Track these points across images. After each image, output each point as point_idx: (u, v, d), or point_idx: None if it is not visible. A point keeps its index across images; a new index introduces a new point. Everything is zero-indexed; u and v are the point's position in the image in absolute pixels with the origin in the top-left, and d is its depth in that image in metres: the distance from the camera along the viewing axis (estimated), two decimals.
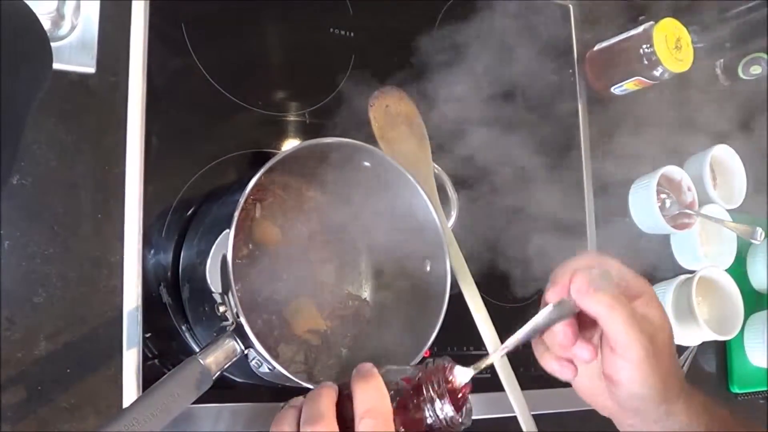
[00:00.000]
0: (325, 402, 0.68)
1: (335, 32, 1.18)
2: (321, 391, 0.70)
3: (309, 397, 0.69)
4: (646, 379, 0.73)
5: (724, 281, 1.41)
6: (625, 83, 1.39)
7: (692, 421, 0.78)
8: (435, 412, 0.67)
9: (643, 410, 0.77)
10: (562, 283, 0.75)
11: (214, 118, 1.06)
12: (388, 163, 0.95)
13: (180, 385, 0.74)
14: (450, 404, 0.67)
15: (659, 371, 0.74)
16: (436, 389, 0.68)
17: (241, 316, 0.78)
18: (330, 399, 0.69)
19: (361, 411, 0.66)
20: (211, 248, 0.85)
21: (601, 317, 0.72)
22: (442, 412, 0.67)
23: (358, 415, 0.66)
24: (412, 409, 0.68)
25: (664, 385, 0.74)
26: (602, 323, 0.73)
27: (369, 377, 0.68)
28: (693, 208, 1.42)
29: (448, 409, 0.67)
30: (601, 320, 0.73)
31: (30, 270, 0.89)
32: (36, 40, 0.74)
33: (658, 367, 0.74)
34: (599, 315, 0.73)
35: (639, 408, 0.77)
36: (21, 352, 0.87)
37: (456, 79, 1.21)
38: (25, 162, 0.91)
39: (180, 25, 1.05)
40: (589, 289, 0.73)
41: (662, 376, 0.74)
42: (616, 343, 0.73)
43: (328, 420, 0.66)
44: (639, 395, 0.75)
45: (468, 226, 1.14)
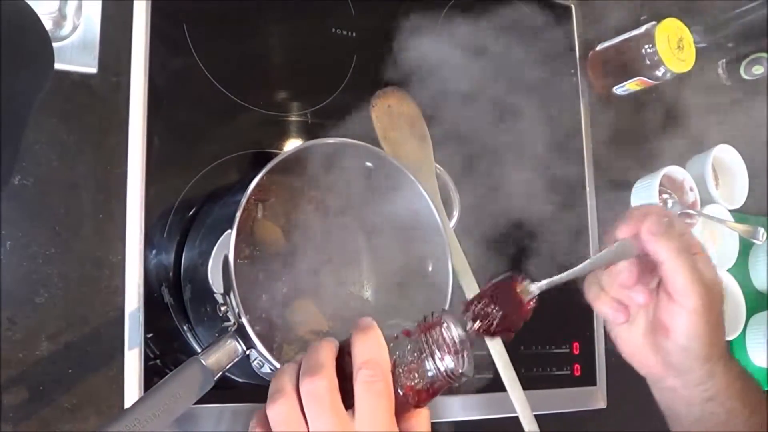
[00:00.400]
0: (325, 353, 0.67)
1: (337, 32, 1.18)
2: (321, 344, 0.68)
3: (309, 350, 0.68)
4: (698, 331, 0.76)
5: (727, 281, 1.41)
6: (627, 83, 1.39)
7: (730, 386, 0.80)
8: (435, 363, 0.66)
9: (687, 368, 0.78)
10: (634, 222, 0.77)
11: (216, 119, 1.06)
12: (390, 164, 0.95)
13: (182, 385, 0.74)
14: (450, 356, 0.66)
15: (710, 325, 0.76)
16: (435, 340, 0.67)
17: (242, 316, 0.78)
18: (330, 351, 0.67)
19: (359, 362, 0.65)
20: (212, 249, 0.85)
21: (666, 262, 0.74)
22: (442, 363, 0.66)
23: (356, 366, 0.65)
24: (411, 362, 0.67)
25: (712, 341, 0.77)
26: (665, 268, 0.75)
27: (368, 329, 0.68)
28: (695, 208, 1.42)
29: (448, 361, 0.66)
30: (665, 265, 0.75)
31: (31, 270, 0.89)
32: (38, 40, 0.74)
33: (710, 322, 0.76)
34: (665, 260, 0.75)
35: (684, 365, 0.78)
36: (22, 353, 0.87)
37: (458, 79, 1.21)
38: (27, 162, 0.91)
39: (182, 25, 1.05)
40: (660, 232, 0.74)
41: (712, 332, 0.76)
42: (675, 290, 0.75)
43: (327, 370, 0.65)
44: (687, 348, 0.77)
45: (470, 227, 1.14)
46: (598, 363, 1.32)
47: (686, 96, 1.51)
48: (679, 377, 0.80)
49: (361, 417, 0.64)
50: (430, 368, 0.67)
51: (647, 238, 0.75)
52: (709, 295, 0.75)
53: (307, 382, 0.64)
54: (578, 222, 1.36)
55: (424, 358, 0.67)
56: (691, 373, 0.79)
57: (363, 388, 0.64)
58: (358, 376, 0.64)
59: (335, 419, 0.63)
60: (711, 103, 1.51)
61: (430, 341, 0.67)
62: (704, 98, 1.51)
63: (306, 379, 0.65)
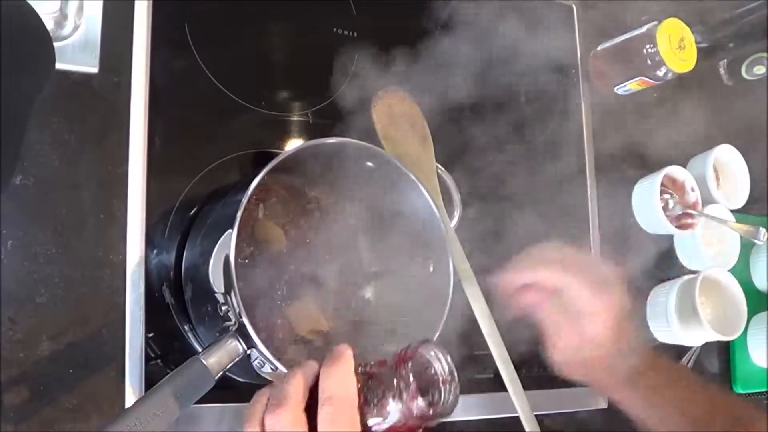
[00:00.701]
0: (294, 384, 0.66)
1: (338, 32, 1.18)
2: (292, 374, 0.68)
3: (280, 379, 0.68)
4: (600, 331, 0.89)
5: (728, 282, 1.41)
6: (629, 83, 1.39)
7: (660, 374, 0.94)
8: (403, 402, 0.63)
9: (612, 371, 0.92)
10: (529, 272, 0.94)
11: (217, 118, 1.06)
12: (391, 163, 0.95)
13: (182, 385, 0.74)
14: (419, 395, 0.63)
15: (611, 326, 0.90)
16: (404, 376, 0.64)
17: (243, 316, 0.78)
18: (298, 381, 0.66)
19: (323, 397, 0.65)
20: (213, 248, 0.85)
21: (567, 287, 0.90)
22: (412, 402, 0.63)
23: (320, 401, 0.64)
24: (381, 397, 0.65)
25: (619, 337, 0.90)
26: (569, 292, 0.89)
27: (337, 360, 0.66)
28: (696, 208, 1.42)
29: (418, 401, 0.63)
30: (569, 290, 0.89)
31: (32, 270, 0.90)
32: (39, 40, 0.74)
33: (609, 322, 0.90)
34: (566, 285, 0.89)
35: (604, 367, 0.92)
36: (23, 352, 0.87)
37: (459, 79, 1.21)
38: (28, 162, 0.91)
39: (183, 25, 1.05)
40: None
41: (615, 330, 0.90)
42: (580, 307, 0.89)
43: (290, 402, 0.65)
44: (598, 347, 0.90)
45: (471, 227, 1.14)
46: None
47: (687, 96, 1.51)
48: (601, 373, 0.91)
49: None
50: (397, 406, 0.64)
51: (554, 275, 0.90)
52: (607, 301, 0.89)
53: (270, 415, 0.65)
54: (579, 222, 1.36)
55: (392, 395, 0.64)
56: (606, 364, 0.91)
57: (324, 424, 0.64)
58: (320, 412, 0.64)
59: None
60: (712, 103, 1.52)
61: (400, 376, 0.64)
62: (705, 98, 1.52)
63: (270, 412, 0.65)
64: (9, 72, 0.67)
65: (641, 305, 1.40)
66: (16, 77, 0.69)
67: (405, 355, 0.66)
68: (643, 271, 1.40)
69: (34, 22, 0.73)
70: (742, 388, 1.50)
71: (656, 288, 1.41)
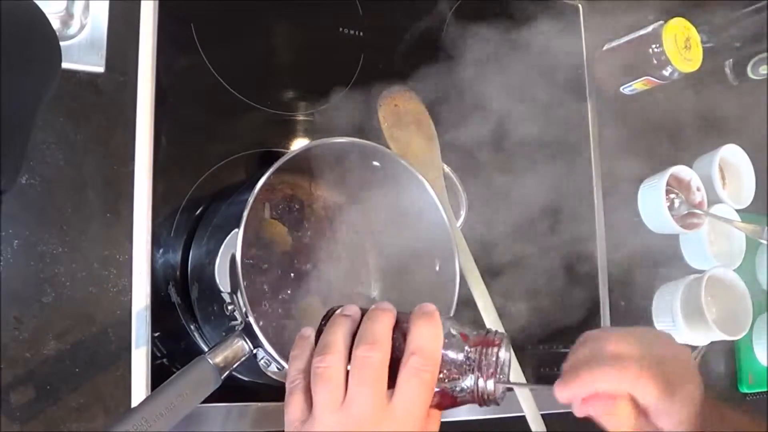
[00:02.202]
0: (385, 326, 0.66)
1: (344, 32, 1.18)
2: (383, 314, 0.68)
3: (370, 316, 0.67)
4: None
5: (733, 281, 1.41)
6: (635, 83, 1.39)
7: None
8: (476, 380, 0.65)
9: None
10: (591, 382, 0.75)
11: (223, 118, 1.06)
12: (397, 163, 0.95)
13: (188, 384, 0.74)
14: (492, 379, 0.65)
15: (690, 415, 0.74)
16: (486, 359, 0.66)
17: (249, 315, 0.78)
18: (389, 323, 0.67)
19: (413, 346, 0.64)
20: (219, 248, 0.85)
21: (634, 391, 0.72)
22: (483, 383, 0.65)
23: (409, 349, 0.64)
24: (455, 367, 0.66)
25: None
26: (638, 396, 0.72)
27: (432, 317, 0.67)
28: (702, 208, 1.41)
29: (490, 384, 0.65)
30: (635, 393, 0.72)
31: (39, 269, 0.90)
32: (45, 40, 0.74)
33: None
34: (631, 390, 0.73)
35: None
36: (30, 352, 0.87)
37: (464, 78, 1.21)
38: (34, 161, 0.91)
39: (189, 25, 1.05)
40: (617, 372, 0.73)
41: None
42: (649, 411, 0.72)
43: (384, 345, 0.65)
44: None
45: (477, 226, 1.14)
46: None
47: (693, 96, 1.51)
48: None
49: (400, 401, 0.63)
50: (470, 381, 0.66)
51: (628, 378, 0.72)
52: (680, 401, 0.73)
53: (363, 349, 0.64)
54: (585, 221, 1.36)
55: (468, 370, 0.66)
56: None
57: (410, 373, 0.64)
58: (408, 360, 0.64)
59: (376, 395, 0.63)
60: (718, 103, 1.51)
61: (481, 357, 0.66)
62: (711, 98, 1.51)
63: (363, 346, 0.64)
64: (15, 71, 0.67)
65: (639, 308, 1.39)
66: (22, 77, 0.70)
67: (493, 340, 0.67)
68: (648, 271, 1.40)
69: (40, 21, 0.73)
70: (747, 387, 1.50)
71: (662, 288, 1.41)
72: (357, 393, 0.63)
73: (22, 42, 0.70)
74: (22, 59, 0.69)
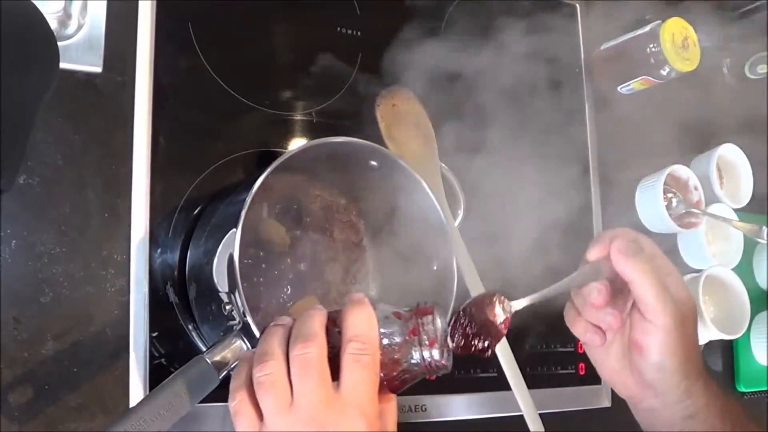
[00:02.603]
0: (318, 322, 0.68)
1: (342, 31, 1.18)
2: (314, 312, 0.69)
3: (300, 318, 0.69)
4: (672, 348, 0.77)
5: (731, 280, 1.41)
6: (632, 82, 1.39)
7: (710, 404, 0.80)
8: (421, 350, 0.67)
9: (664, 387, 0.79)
10: (603, 244, 0.79)
11: (221, 118, 1.06)
12: (395, 163, 0.95)
13: (187, 384, 0.74)
14: (436, 346, 0.67)
15: (684, 343, 0.77)
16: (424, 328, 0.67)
17: (247, 315, 0.78)
18: (322, 320, 0.68)
19: (349, 334, 0.66)
20: (217, 247, 0.85)
21: (635, 281, 0.76)
22: (428, 352, 0.67)
23: (345, 338, 0.66)
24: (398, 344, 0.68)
25: (687, 359, 0.78)
26: (635, 287, 0.77)
27: (361, 303, 0.68)
28: (699, 207, 1.41)
29: (434, 351, 0.67)
30: (634, 284, 0.77)
31: (37, 269, 0.90)
32: (43, 40, 0.74)
33: (684, 339, 0.77)
34: (633, 279, 0.77)
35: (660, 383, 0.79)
36: (28, 352, 0.87)
37: (462, 78, 1.21)
38: (33, 161, 0.91)
39: (187, 25, 1.05)
40: (627, 252, 0.77)
41: (686, 349, 0.77)
42: (647, 308, 0.77)
43: (319, 339, 0.66)
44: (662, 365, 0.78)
45: (474, 226, 1.14)
46: None
47: (691, 95, 1.51)
48: (658, 397, 0.80)
49: (346, 388, 0.64)
50: (415, 354, 0.67)
51: (617, 258, 0.77)
52: (680, 313, 0.77)
53: (299, 348, 0.65)
54: (583, 221, 1.36)
55: (411, 342, 0.67)
56: (669, 392, 0.79)
57: (350, 359, 0.65)
58: (347, 348, 0.65)
59: (322, 387, 0.64)
60: (715, 102, 1.51)
61: (418, 328, 0.68)
62: (709, 97, 1.51)
63: (298, 345, 0.65)
64: (13, 72, 0.68)
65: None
66: (20, 77, 0.70)
67: (424, 309, 0.69)
68: None
69: (38, 21, 0.74)
70: (745, 386, 1.51)
71: None
72: (302, 390, 0.64)
73: (21, 42, 0.70)
74: (21, 59, 0.70)
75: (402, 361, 0.68)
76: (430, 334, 0.67)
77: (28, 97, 0.72)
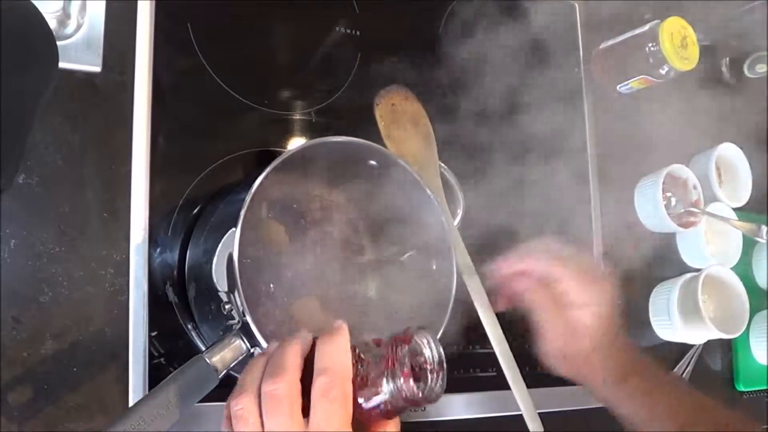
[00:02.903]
0: (290, 355, 0.67)
1: (341, 31, 1.18)
2: (288, 345, 0.68)
3: (276, 349, 0.69)
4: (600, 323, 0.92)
5: (730, 280, 1.41)
6: (631, 81, 1.39)
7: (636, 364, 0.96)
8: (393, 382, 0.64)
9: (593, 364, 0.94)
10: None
11: (220, 117, 1.06)
12: (394, 162, 0.95)
13: (186, 384, 0.74)
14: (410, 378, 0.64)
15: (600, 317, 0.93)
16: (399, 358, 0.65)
17: (247, 314, 0.78)
18: (295, 352, 0.67)
19: (318, 367, 0.65)
20: (217, 247, 0.85)
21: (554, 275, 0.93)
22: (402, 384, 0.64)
23: (315, 372, 0.65)
24: (374, 375, 0.66)
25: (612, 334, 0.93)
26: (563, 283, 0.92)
27: (334, 334, 0.67)
28: (698, 206, 1.41)
29: (409, 383, 0.64)
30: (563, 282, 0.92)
31: (36, 269, 0.90)
32: (42, 39, 0.74)
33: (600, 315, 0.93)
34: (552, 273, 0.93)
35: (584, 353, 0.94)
36: (27, 352, 0.87)
37: (461, 77, 1.21)
38: (32, 161, 0.91)
39: (186, 25, 1.05)
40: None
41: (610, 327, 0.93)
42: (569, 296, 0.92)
43: (288, 374, 0.65)
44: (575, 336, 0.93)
45: (474, 225, 1.14)
46: None
47: (690, 94, 1.51)
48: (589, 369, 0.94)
49: (315, 423, 0.64)
50: (388, 386, 0.65)
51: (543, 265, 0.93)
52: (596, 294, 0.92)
53: (268, 384, 0.65)
54: (582, 220, 1.36)
55: (385, 374, 0.65)
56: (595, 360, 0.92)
57: (317, 395, 0.64)
58: (315, 383, 0.64)
59: (290, 422, 0.63)
60: (714, 102, 1.51)
61: (396, 357, 0.65)
62: (707, 96, 1.51)
63: (268, 380, 0.65)
64: (13, 71, 0.67)
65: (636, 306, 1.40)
66: (19, 76, 0.70)
67: (402, 338, 0.67)
68: (645, 270, 1.40)
69: (37, 21, 0.73)
70: (744, 386, 1.50)
71: (658, 286, 1.41)
72: (271, 426, 0.64)
73: (20, 41, 0.70)
74: (20, 59, 0.69)
75: (380, 391, 0.66)
76: (404, 365, 0.65)
77: (27, 97, 0.72)
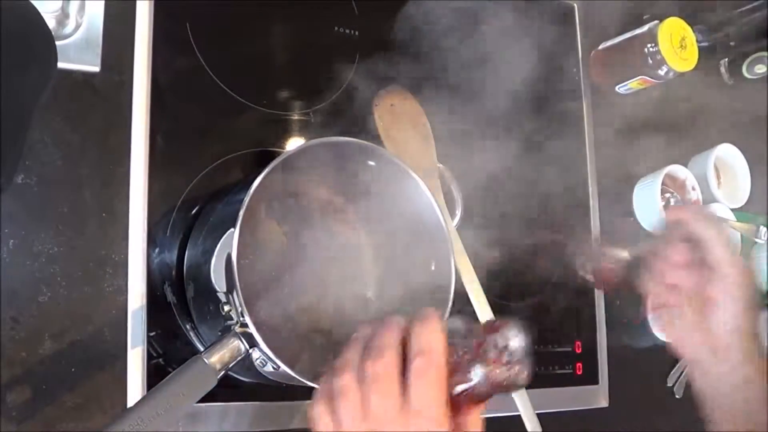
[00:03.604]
0: (391, 335, 0.68)
1: (340, 31, 1.18)
2: (389, 325, 0.70)
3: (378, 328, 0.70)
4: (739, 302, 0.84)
5: None
6: (630, 82, 1.39)
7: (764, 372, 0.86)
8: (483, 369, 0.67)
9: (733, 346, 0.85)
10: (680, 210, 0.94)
11: (219, 117, 1.06)
12: (392, 163, 0.95)
13: (185, 384, 0.74)
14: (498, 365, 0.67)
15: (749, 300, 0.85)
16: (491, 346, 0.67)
17: (245, 315, 0.78)
18: (396, 333, 0.69)
19: (414, 350, 0.66)
20: (215, 247, 0.85)
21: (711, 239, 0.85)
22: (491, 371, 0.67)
23: (412, 354, 0.66)
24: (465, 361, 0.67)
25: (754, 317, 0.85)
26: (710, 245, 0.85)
27: (430, 318, 0.69)
28: None
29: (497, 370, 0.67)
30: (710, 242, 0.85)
31: (34, 269, 0.90)
32: (41, 39, 0.74)
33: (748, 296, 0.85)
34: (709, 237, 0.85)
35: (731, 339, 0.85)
36: (26, 352, 0.87)
37: (460, 78, 1.21)
38: (30, 161, 0.91)
39: (185, 25, 1.05)
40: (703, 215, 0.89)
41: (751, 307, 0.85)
42: (720, 263, 0.85)
43: (387, 353, 0.67)
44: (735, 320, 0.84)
45: (472, 225, 1.14)
46: (601, 362, 1.32)
47: (688, 95, 1.51)
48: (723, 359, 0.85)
49: (414, 402, 0.65)
50: (478, 372, 0.67)
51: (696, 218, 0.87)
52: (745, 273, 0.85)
53: (370, 363, 0.66)
54: (581, 220, 1.36)
55: (478, 359, 0.67)
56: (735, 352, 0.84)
57: (415, 375, 0.65)
58: (411, 366, 0.66)
59: (391, 400, 0.65)
60: (713, 102, 1.51)
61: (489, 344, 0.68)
62: (706, 97, 1.51)
63: (368, 360, 0.66)
64: (11, 71, 0.67)
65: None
66: (18, 76, 0.70)
67: (493, 326, 0.69)
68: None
69: (35, 21, 0.73)
70: None
71: None
72: (375, 402, 0.65)
73: (19, 41, 0.70)
74: (18, 59, 0.69)
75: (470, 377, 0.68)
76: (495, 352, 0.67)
77: (25, 96, 0.72)
